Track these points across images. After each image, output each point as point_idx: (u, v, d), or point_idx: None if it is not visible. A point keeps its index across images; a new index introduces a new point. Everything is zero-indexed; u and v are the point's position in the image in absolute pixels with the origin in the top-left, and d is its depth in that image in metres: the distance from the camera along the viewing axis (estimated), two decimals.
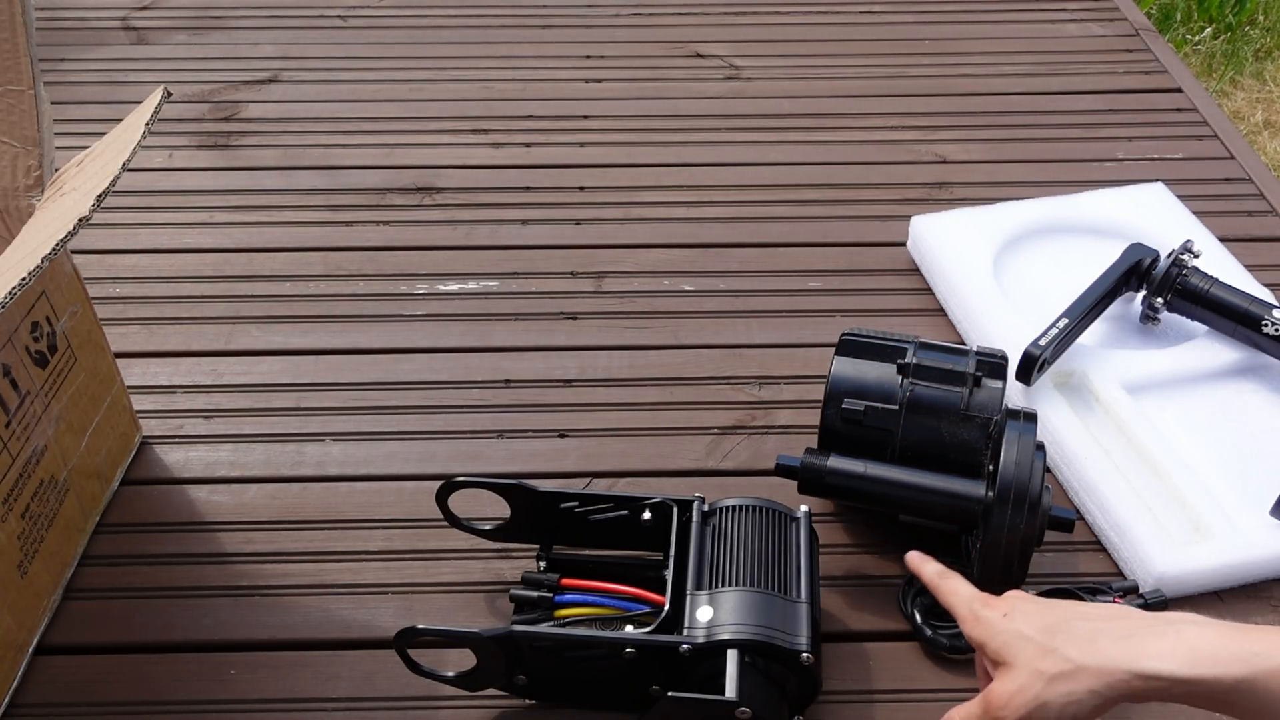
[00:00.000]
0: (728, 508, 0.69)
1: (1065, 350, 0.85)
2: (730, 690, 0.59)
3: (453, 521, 0.73)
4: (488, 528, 0.73)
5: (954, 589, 0.61)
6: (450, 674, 0.65)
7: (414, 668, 0.65)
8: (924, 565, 0.65)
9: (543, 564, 0.71)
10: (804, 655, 0.61)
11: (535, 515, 0.71)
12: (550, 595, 0.69)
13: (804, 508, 0.70)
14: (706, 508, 0.69)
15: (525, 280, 1.01)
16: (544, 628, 0.66)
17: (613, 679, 0.64)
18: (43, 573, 0.71)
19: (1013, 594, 0.59)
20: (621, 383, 0.91)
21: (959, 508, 0.70)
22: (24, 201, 0.72)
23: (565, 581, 0.69)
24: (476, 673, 0.64)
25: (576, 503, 0.70)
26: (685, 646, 0.61)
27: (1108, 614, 0.54)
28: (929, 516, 0.73)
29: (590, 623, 0.67)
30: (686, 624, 0.63)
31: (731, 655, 0.61)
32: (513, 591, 0.69)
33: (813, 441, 0.75)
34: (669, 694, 0.60)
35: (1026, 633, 0.54)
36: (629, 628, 0.65)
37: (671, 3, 1.46)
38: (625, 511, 0.70)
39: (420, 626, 0.63)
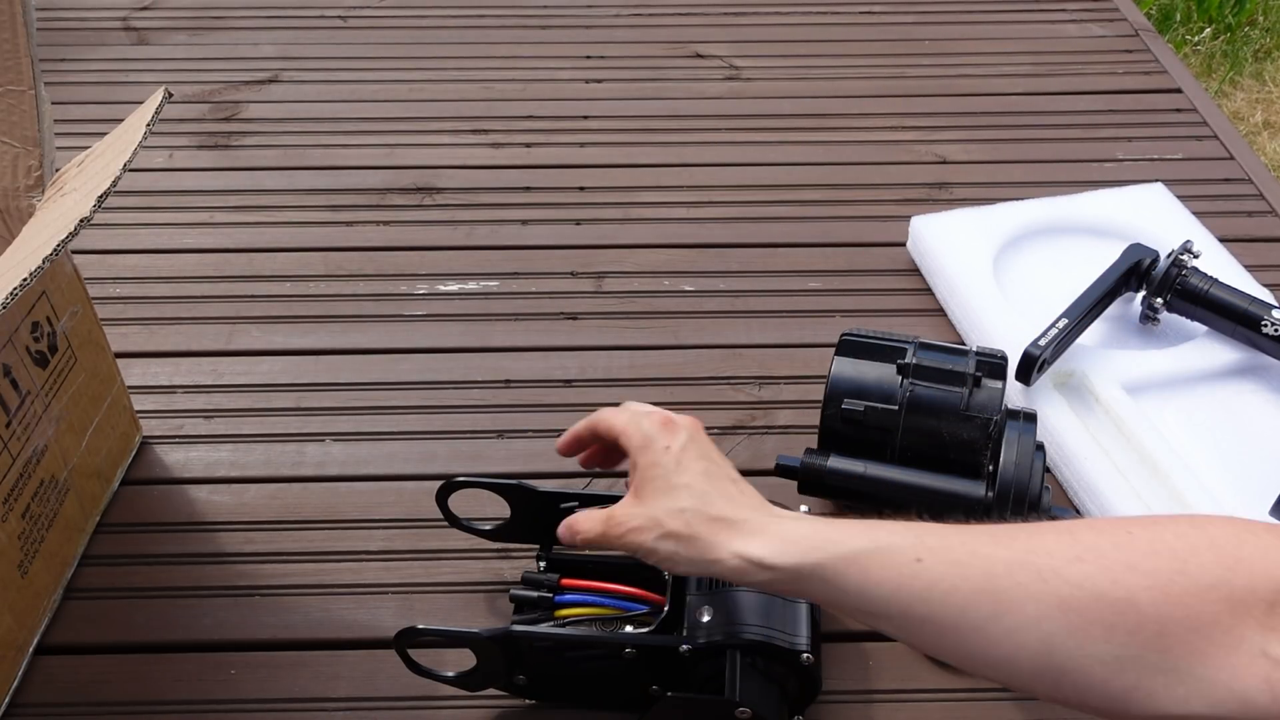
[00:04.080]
0: None
1: (1065, 350, 0.85)
2: (730, 690, 0.59)
3: (452, 521, 0.73)
4: (487, 528, 0.73)
5: (616, 411, 0.62)
6: (450, 674, 0.65)
7: (414, 668, 0.65)
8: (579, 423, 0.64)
9: (542, 564, 0.71)
10: (804, 655, 0.61)
11: (535, 515, 0.71)
12: (550, 595, 0.69)
13: (804, 507, 0.70)
14: None
15: (525, 280, 1.01)
16: (543, 628, 0.66)
17: (613, 679, 0.64)
18: (43, 573, 0.71)
19: (688, 429, 0.59)
20: (621, 383, 0.91)
21: (959, 508, 0.70)
22: (24, 202, 0.72)
23: (565, 581, 0.69)
24: (476, 673, 0.64)
25: (576, 503, 0.70)
26: (685, 647, 0.61)
27: (744, 498, 0.56)
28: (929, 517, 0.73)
29: (590, 623, 0.68)
30: (686, 624, 0.63)
31: (731, 655, 0.61)
32: (512, 591, 0.69)
33: (813, 441, 0.75)
34: (669, 694, 0.60)
35: (672, 480, 0.55)
36: (629, 628, 0.65)
37: (671, 3, 1.46)
38: None
39: (420, 627, 0.63)
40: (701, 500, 0.55)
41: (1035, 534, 0.49)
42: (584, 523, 0.58)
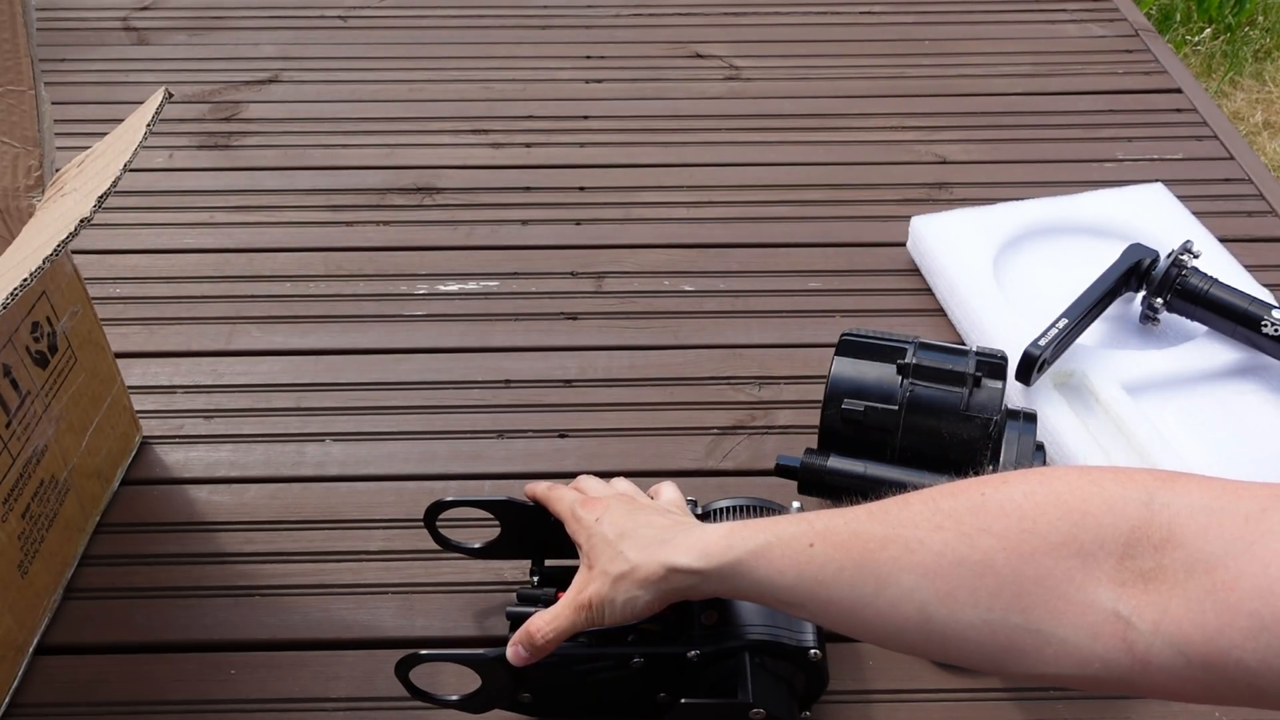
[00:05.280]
0: (721, 509, 0.68)
1: (1065, 350, 0.85)
2: (744, 692, 0.59)
3: (442, 543, 0.72)
4: (477, 545, 0.72)
5: (560, 496, 0.65)
6: (454, 697, 0.64)
7: (416, 694, 0.64)
8: (536, 486, 0.68)
9: (536, 578, 0.70)
10: (812, 651, 0.61)
11: (526, 530, 0.70)
12: None
13: (795, 504, 0.69)
14: (700, 510, 0.69)
15: (525, 280, 1.01)
16: None
17: (619, 690, 0.63)
18: (43, 573, 0.71)
19: (611, 497, 0.63)
20: (621, 383, 0.91)
21: None
22: (24, 202, 0.72)
23: (561, 594, 0.69)
24: (481, 694, 0.63)
25: None
26: (694, 652, 0.61)
27: (670, 522, 0.60)
28: None
29: (593, 634, 0.67)
30: (692, 629, 0.62)
31: (740, 657, 0.60)
32: (509, 609, 0.68)
33: (813, 441, 0.75)
34: (683, 700, 0.60)
35: (608, 536, 0.59)
36: (632, 637, 0.65)
37: (671, 3, 1.46)
38: None
39: (422, 653, 0.62)
40: (632, 538, 0.58)
41: (905, 506, 0.50)
42: (543, 620, 0.59)
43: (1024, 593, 0.45)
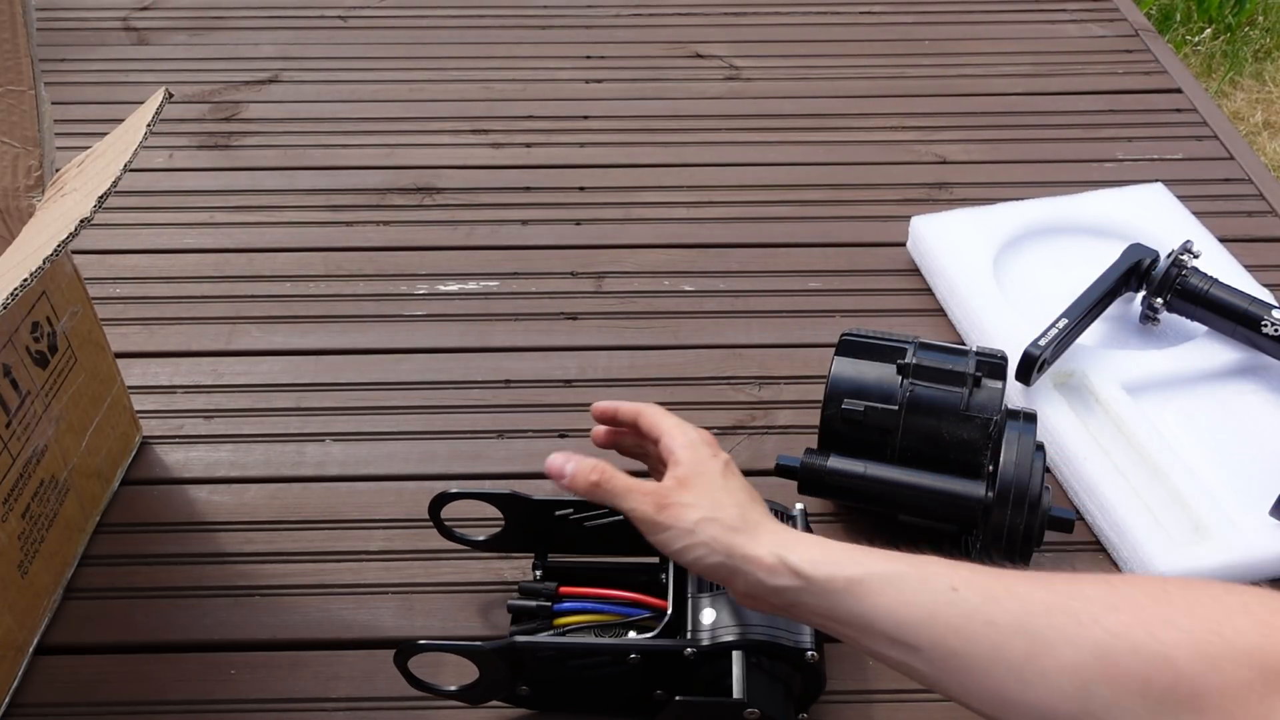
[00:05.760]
0: None
1: (1065, 350, 0.85)
2: (738, 691, 0.59)
3: (446, 534, 0.72)
4: (481, 538, 0.72)
5: (657, 418, 0.62)
6: (452, 688, 0.64)
7: (414, 683, 0.64)
8: (617, 405, 0.65)
9: (538, 572, 0.71)
10: (809, 653, 0.61)
11: (530, 523, 0.70)
12: (549, 604, 0.68)
13: (799, 505, 0.69)
14: None
15: (525, 280, 1.01)
16: (545, 637, 0.66)
17: (617, 685, 0.63)
18: (43, 573, 0.71)
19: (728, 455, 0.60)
20: (621, 383, 0.91)
21: (959, 508, 0.71)
22: (24, 202, 0.72)
23: (563, 589, 0.69)
24: (479, 685, 0.64)
25: (572, 510, 0.70)
26: (690, 650, 0.61)
27: (778, 521, 0.57)
28: (929, 516, 0.73)
29: (591, 629, 0.67)
30: (690, 627, 0.62)
31: (737, 656, 0.61)
32: (510, 602, 0.69)
33: (813, 441, 0.75)
34: (677, 698, 0.60)
35: (726, 485, 0.57)
36: (631, 633, 0.65)
37: (671, 3, 1.46)
38: (621, 516, 0.70)
39: (421, 641, 0.62)
40: (750, 507, 0.56)
41: (1073, 580, 0.48)
42: (612, 472, 0.57)
43: (1199, 693, 0.43)
